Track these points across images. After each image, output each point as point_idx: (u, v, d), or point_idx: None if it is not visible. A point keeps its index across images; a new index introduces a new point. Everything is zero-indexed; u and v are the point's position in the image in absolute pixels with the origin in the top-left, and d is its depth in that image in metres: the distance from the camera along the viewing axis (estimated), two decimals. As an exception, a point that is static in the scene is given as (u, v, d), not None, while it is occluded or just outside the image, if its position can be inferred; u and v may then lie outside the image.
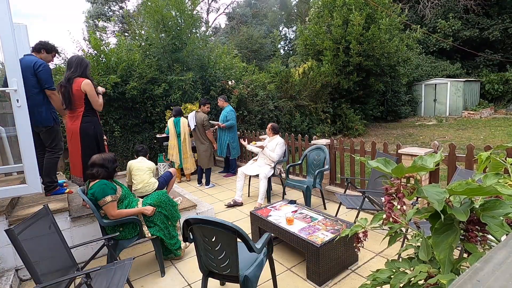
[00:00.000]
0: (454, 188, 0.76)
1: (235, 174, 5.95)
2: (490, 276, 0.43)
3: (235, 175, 5.93)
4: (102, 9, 20.09)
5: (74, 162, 3.00)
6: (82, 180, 2.99)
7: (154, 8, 6.97)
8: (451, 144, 3.08)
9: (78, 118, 2.92)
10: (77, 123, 2.91)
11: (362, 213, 3.36)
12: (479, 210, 0.77)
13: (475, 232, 0.79)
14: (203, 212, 3.65)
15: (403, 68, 13.87)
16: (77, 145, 2.94)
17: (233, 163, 6.12)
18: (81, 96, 2.89)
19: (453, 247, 0.75)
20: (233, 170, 6.08)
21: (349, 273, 2.51)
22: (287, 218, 2.74)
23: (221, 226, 1.75)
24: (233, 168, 6.10)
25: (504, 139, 8.56)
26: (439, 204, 0.72)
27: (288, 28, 27.24)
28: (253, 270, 1.93)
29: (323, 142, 4.39)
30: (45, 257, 1.83)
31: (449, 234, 0.76)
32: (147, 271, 2.71)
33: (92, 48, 6.71)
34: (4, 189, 2.51)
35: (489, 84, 15.78)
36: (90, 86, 2.89)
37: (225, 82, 7.76)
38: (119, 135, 6.51)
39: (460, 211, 0.74)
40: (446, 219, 0.77)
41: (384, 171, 0.87)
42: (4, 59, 2.34)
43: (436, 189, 0.77)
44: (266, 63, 16.08)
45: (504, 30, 16.16)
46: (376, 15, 10.90)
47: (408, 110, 15.59)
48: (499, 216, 0.74)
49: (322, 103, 10.57)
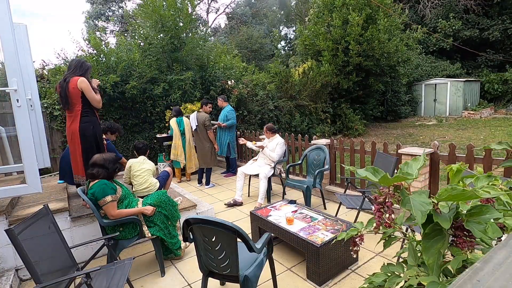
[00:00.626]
0: (441, 194, 0.76)
1: (235, 174, 5.91)
2: (490, 276, 0.43)
3: (235, 174, 5.90)
4: (102, 10, 20.09)
5: (76, 162, 3.00)
6: (85, 180, 3.00)
7: (152, 8, 6.97)
8: (451, 144, 3.08)
9: (76, 118, 2.90)
10: (76, 124, 2.90)
11: (362, 213, 3.36)
12: (464, 216, 0.77)
13: (463, 238, 0.80)
14: (203, 212, 3.65)
15: (403, 68, 13.87)
16: (78, 146, 2.93)
17: (233, 163, 6.11)
18: (78, 94, 2.86)
19: (441, 252, 0.76)
20: (233, 169, 6.08)
21: (349, 273, 2.51)
22: (287, 218, 2.74)
23: (221, 226, 1.75)
24: (233, 168, 6.09)
25: (504, 139, 8.56)
26: (422, 217, 0.72)
27: (288, 28, 27.25)
28: (253, 270, 1.93)
29: (323, 142, 4.39)
30: (45, 257, 1.83)
31: (439, 239, 0.77)
32: (147, 271, 2.71)
33: (92, 47, 6.71)
34: (4, 189, 2.51)
35: (489, 84, 15.79)
36: (86, 83, 2.86)
37: (225, 82, 7.76)
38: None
39: (445, 218, 0.75)
40: (436, 225, 0.78)
41: (372, 180, 0.87)
42: (4, 59, 2.34)
43: (422, 198, 0.77)
44: (266, 63, 16.07)
45: (504, 30, 16.16)
46: (376, 15, 10.90)
47: (408, 110, 15.59)
48: (484, 222, 0.74)
49: (322, 103, 10.57)
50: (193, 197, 4.03)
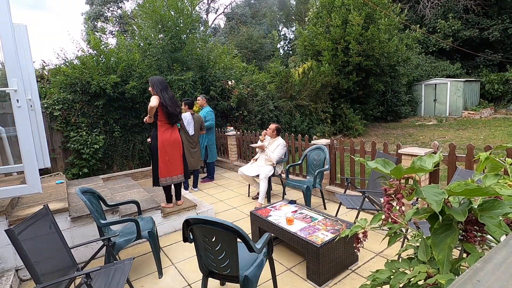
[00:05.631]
0: (453, 189, 0.75)
1: (213, 180, 5.72)
2: (490, 276, 0.43)
3: (213, 180, 5.72)
4: (101, 10, 20.09)
5: (177, 165, 3.49)
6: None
7: (153, 8, 6.97)
8: (451, 144, 3.08)
9: (176, 129, 3.50)
10: (177, 133, 3.51)
11: (362, 213, 3.36)
12: (477, 210, 0.77)
13: (473, 232, 0.79)
14: (203, 212, 3.65)
15: (403, 68, 13.86)
16: (180, 150, 3.52)
17: (211, 168, 5.74)
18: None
19: (452, 247, 0.75)
20: (211, 175, 5.75)
21: (349, 273, 2.51)
22: (287, 218, 2.74)
23: (221, 226, 1.75)
24: (211, 173, 5.75)
25: (504, 139, 8.56)
26: (438, 205, 0.72)
27: (287, 28, 27.26)
28: (253, 270, 1.93)
29: (323, 142, 4.39)
30: (45, 257, 1.83)
31: (448, 234, 0.76)
32: (147, 271, 2.71)
33: (92, 48, 6.71)
34: (4, 189, 2.51)
35: (489, 84, 15.79)
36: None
37: (225, 82, 7.76)
38: (119, 135, 6.51)
39: (458, 212, 0.74)
40: (445, 220, 0.77)
41: (383, 172, 0.87)
42: (4, 59, 2.34)
43: (434, 189, 0.77)
44: (266, 63, 16.08)
45: (504, 30, 16.17)
46: (375, 15, 10.91)
47: (408, 110, 15.59)
48: (497, 216, 0.73)
49: (322, 103, 10.57)
50: (193, 197, 4.03)
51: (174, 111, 3.31)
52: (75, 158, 5.92)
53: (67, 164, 5.99)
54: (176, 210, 3.54)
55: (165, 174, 3.37)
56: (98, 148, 6.02)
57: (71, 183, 4.47)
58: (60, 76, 6.21)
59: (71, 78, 6.09)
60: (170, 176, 3.41)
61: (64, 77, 6.11)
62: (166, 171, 3.37)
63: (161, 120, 3.32)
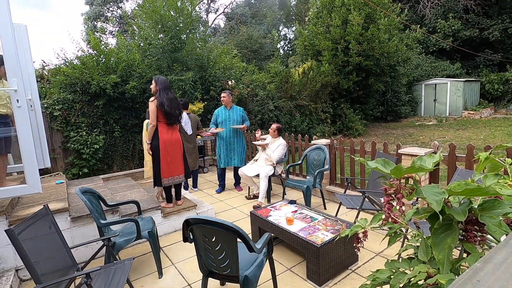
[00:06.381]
0: (453, 189, 0.75)
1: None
2: (490, 276, 0.43)
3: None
4: (100, 11, 20.09)
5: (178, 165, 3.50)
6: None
7: (153, 8, 6.96)
8: (451, 144, 3.08)
9: (176, 129, 3.53)
10: (178, 134, 3.54)
11: (362, 213, 3.36)
12: (477, 210, 0.77)
13: (474, 232, 0.79)
14: (203, 212, 3.65)
15: (403, 68, 13.86)
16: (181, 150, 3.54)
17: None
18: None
19: (452, 247, 0.75)
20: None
21: (349, 273, 2.51)
22: (287, 218, 2.74)
23: (221, 226, 1.75)
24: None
25: (504, 139, 8.56)
26: (438, 205, 0.72)
27: (287, 28, 27.25)
28: (253, 270, 1.93)
29: (323, 142, 4.39)
30: (45, 257, 1.83)
31: (448, 234, 0.76)
32: (147, 271, 2.71)
33: (92, 48, 6.71)
34: (4, 189, 2.51)
35: (489, 84, 15.79)
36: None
37: (225, 82, 7.76)
38: (119, 135, 6.51)
39: (458, 211, 0.74)
40: (445, 220, 0.77)
41: (383, 171, 0.87)
42: (4, 59, 2.34)
43: (435, 189, 0.77)
44: (266, 63, 16.08)
45: (504, 30, 16.17)
46: (376, 15, 10.90)
47: (408, 110, 15.59)
48: (497, 216, 0.73)
49: (322, 103, 10.57)
50: (193, 197, 4.03)
51: (171, 111, 3.32)
52: (75, 158, 5.92)
53: (67, 164, 5.99)
54: (176, 210, 3.54)
55: (167, 174, 3.38)
56: (98, 148, 6.02)
57: (71, 183, 4.47)
58: (60, 76, 6.21)
59: (71, 78, 6.09)
60: (172, 176, 3.43)
61: (64, 77, 6.11)
62: (168, 171, 3.38)
63: (160, 121, 3.34)
